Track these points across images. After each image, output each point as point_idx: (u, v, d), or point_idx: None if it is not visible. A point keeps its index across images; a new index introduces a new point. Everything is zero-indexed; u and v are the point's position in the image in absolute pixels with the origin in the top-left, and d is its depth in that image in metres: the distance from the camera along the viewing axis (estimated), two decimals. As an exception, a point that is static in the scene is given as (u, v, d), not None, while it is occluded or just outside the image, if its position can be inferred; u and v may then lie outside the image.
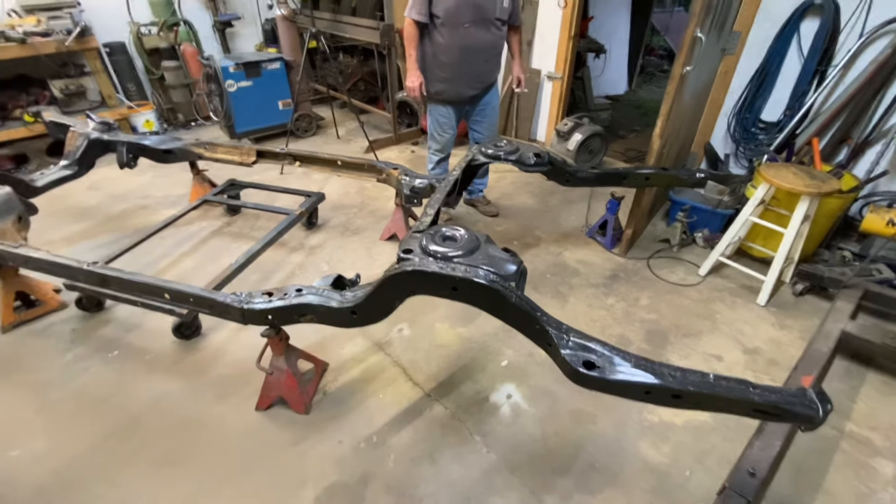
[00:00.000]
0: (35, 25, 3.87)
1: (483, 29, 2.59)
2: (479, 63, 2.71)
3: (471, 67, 2.70)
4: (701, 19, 2.08)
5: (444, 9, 2.50)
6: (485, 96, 2.90)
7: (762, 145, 3.08)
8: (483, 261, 1.42)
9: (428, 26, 2.59)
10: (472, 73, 2.73)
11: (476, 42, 2.61)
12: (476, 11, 2.52)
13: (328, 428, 1.82)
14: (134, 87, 4.67)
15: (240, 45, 5.43)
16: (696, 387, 1.18)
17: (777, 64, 2.95)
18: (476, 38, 2.60)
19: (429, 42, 2.65)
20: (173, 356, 2.14)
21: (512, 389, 1.98)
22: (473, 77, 2.75)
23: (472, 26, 2.55)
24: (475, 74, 2.75)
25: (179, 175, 3.69)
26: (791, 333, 2.29)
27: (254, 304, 1.60)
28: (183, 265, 2.76)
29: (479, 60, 2.69)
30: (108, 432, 1.80)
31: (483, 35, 2.61)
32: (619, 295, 2.53)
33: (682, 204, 2.91)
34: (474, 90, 2.82)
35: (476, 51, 2.64)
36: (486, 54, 2.70)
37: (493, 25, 2.61)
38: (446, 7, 2.49)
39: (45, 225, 2.93)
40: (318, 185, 3.61)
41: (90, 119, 2.97)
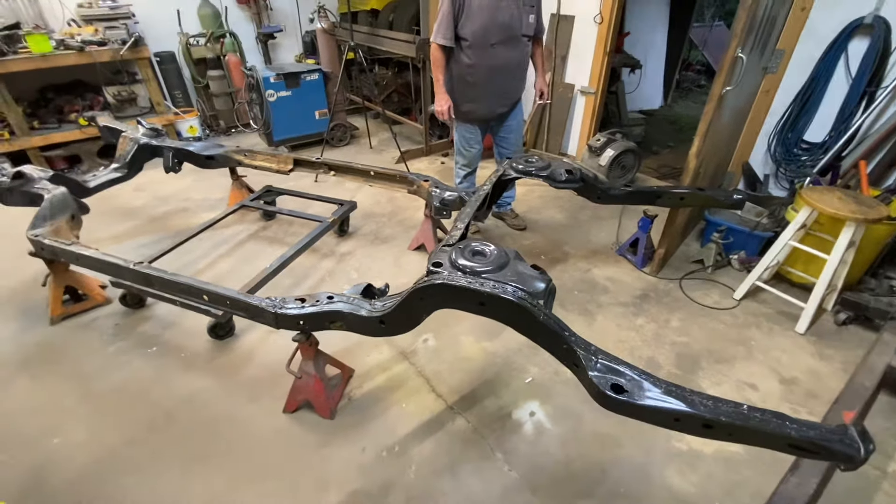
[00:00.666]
0: (93, 35, 4.12)
1: (510, 47, 2.61)
2: (508, 81, 2.73)
3: (499, 86, 2.72)
4: (743, 39, 2.05)
5: (471, 31, 2.51)
6: (510, 112, 2.93)
7: (805, 167, 2.98)
8: (512, 277, 1.42)
9: (454, 48, 2.61)
10: (501, 91, 2.76)
11: (504, 61, 2.63)
12: (503, 31, 2.53)
13: (352, 434, 1.85)
14: (180, 94, 4.91)
15: (281, 55, 5.64)
16: (729, 417, 1.14)
17: (823, 84, 2.86)
18: (504, 57, 2.61)
19: (455, 64, 2.67)
20: (207, 355, 2.22)
21: (535, 407, 1.97)
22: (502, 95, 2.78)
23: (500, 45, 2.57)
24: (504, 92, 2.77)
25: (218, 180, 3.85)
26: (832, 365, 2.19)
27: (287, 309, 1.65)
28: (219, 267, 2.87)
29: (507, 79, 2.72)
30: (143, 425, 1.88)
31: (510, 53, 2.63)
32: (649, 315, 2.48)
33: (718, 224, 2.84)
34: (504, 107, 2.85)
35: (504, 70, 2.67)
36: (515, 72, 2.73)
37: (520, 42, 2.63)
38: (473, 29, 2.51)
39: (94, 224, 3.09)
40: (350, 193, 3.69)
41: (140, 125, 3.14)
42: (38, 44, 3.78)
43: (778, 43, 2.86)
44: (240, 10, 5.13)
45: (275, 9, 5.34)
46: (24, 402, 1.99)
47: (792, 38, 2.86)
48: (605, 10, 3.73)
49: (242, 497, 1.64)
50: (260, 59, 5.40)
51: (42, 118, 4.22)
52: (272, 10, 5.31)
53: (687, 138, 5.26)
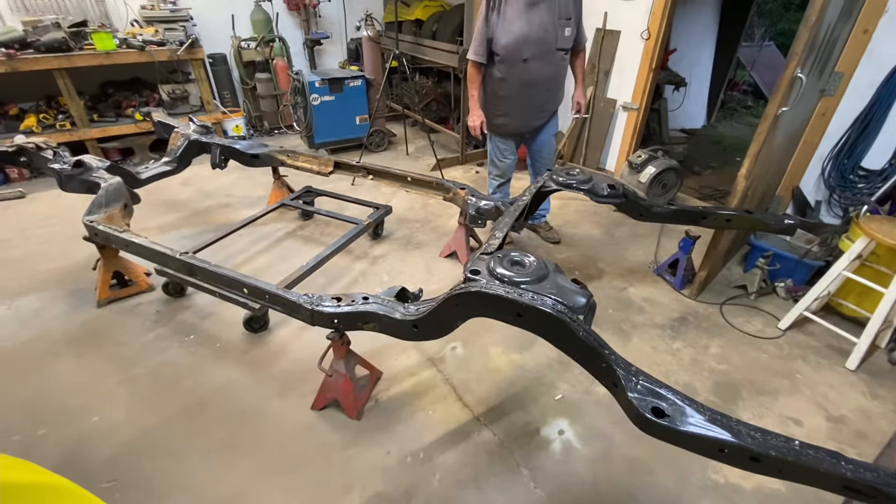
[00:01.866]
0: (153, 35, 4.35)
1: (544, 62, 2.57)
2: (542, 94, 2.71)
3: (533, 100, 2.71)
4: (803, 58, 1.97)
5: (504, 46, 2.50)
6: (543, 128, 2.90)
7: (861, 194, 2.83)
8: (551, 290, 1.40)
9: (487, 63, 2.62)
10: (535, 105, 2.74)
11: (537, 76, 2.60)
12: (536, 46, 2.50)
13: (377, 437, 1.85)
14: (229, 94, 5.11)
15: (325, 61, 5.80)
16: (779, 452, 1.08)
17: (884, 109, 2.72)
18: (536, 71, 2.59)
19: (489, 78, 2.68)
20: (241, 347, 2.27)
21: (565, 426, 1.92)
22: (537, 108, 2.77)
23: (533, 61, 2.54)
24: (538, 106, 2.76)
25: (260, 178, 3.97)
26: (884, 405, 2.05)
27: (323, 306, 1.67)
28: (257, 262, 2.94)
29: (541, 92, 2.69)
30: (177, 411, 1.93)
31: (544, 68, 2.59)
32: (686, 340, 2.39)
33: (765, 250, 2.72)
34: (539, 120, 2.84)
35: (538, 84, 2.64)
36: (548, 85, 2.69)
37: (555, 57, 2.59)
38: (506, 44, 2.50)
39: (142, 213, 3.22)
40: (385, 198, 3.73)
41: (192, 122, 3.28)
42: (102, 41, 4.02)
43: (837, 65, 2.74)
44: (290, 16, 5.32)
45: (323, 16, 5.52)
46: (67, 380, 2.08)
47: (852, 60, 2.74)
48: (653, 26, 3.68)
49: (267, 488, 1.65)
50: (306, 63, 5.57)
51: (101, 112, 4.47)
52: (321, 17, 5.49)
53: (730, 159, 5.11)
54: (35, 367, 2.14)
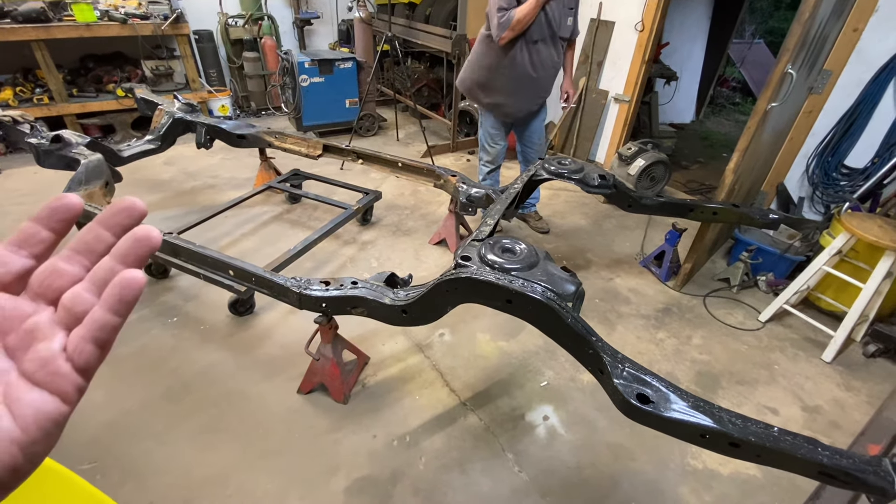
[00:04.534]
0: (136, 8, 4.21)
1: (549, 46, 2.63)
2: (542, 79, 2.73)
3: (532, 84, 2.72)
4: (794, 54, 1.99)
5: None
6: (536, 114, 2.94)
7: (843, 192, 2.89)
8: (541, 277, 1.40)
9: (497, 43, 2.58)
10: (533, 89, 2.76)
11: (543, 58, 2.64)
12: (547, 29, 2.56)
13: (364, 421, 1.85)
14: (215, 73, 4.97)
15: (315, 42, 5.68)
16: (759, 438, 1.11)
17: (869, 108, 2.77)
18: (545, 53, 2.63)
19: (496, 54, 2.65)
20: (226, 330, 2.24)
21: (549, 411, 1.94)
22: (534, 93, 2.79)
23: (541, 43, 2.59)
24: (535, 91, 2.78)
25: (247, 160, 3.89)
26: (858, 396, 2.12)
27: (311, 290, 1.65)
28: (242, 245, 2.90)
29: (542, 76, 2.71)
30: (161, 392, 1.91)
31: (549, 51, 2.64)
32: (670, 330, 2.43)
33: (748, 244, 2.77)
34: (535, 105, 2.86)
35: (541, 67, 2.67)
36: (548, 71, 2.73)
37: (558, 42, 2.65)
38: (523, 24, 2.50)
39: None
40: (375, 183, 3.69)
41: (177, 99, 3.18)
42: (82, 13, 3.87)
43: (826, 63, 2.78)
44: (280, -6, 5.18)
45: (314, -5, 5.38)
46: (47, 360, 2.03)
47: (841, 58, 2.78)
48: (648, 19, 3.68)
49: (252, 471, 1.65)
50: (295, 44, 5.44)
51: (81, 86, 4.31)
52: (311, -4, 5.35)
53: (717, 155, 5.17)
54: (12, 347, 2.08)
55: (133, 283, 0.32)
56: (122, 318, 0.32)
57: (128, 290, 0.32)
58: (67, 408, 0.31)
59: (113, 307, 0.32)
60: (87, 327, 0.32)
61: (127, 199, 0.34)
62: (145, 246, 0.33)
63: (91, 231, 0.33)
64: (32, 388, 0.30)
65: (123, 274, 0.32)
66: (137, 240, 0.33)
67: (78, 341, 0.31)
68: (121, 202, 0.34)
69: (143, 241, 0.33)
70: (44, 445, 0.30)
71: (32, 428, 0.29)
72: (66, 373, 0.31)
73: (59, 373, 0.30)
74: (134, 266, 0.33)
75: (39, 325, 0.31)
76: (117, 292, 0.32)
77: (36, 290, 0.32)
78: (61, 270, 0.33)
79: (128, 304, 0.32)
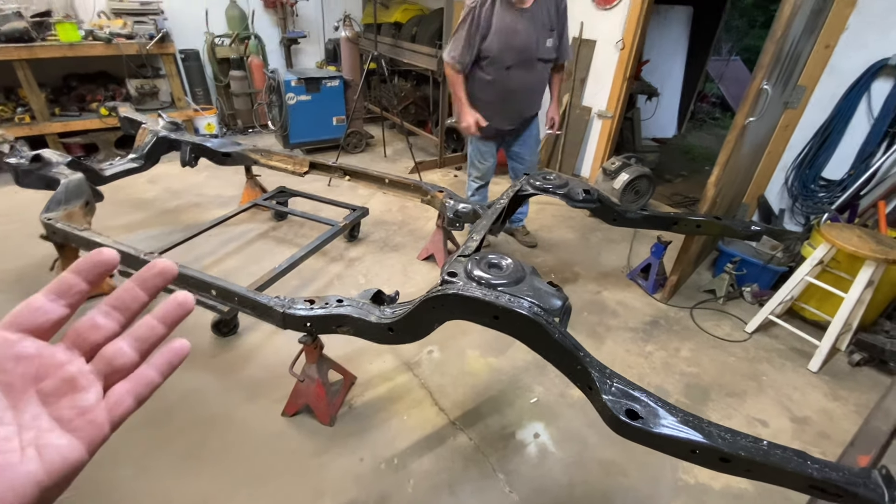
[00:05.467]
0: (121, 28, 4.20)
1: (526, 70, 2.58)
2: (522, 102, 2.71)
3: (511, 106, 2.71)
4: (768, 71, 2.05)
5: (488, 52, 2.50)
6: (525, 128, 2.90)
7: (822, 203, 2.96)
8: (528, 292, 1.39)
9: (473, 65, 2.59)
10: (513, 110, 2.74)
11: (519, 84, 2.61)
12: (518, 54, 2.51)
13: (350, 443, 1.81)
14: (201, 91, 4.97)
15: (303, 60, 5.72)
16: (748, 452, 1.10)
17: (844, 122, 2.85)
18: (518, 80, 2.59)
19: (471, 81, 2.65)
20: (209, 351, 2.19)
21: (540, 429, 1.92)
22: (515, 114, 2.77)
23: (515, 68, 2.54)
24: (516, 112, 2.76)
25: (232, 177, 3.87)
26: (845, 406, 2.14)
27: (295, 309, 1.62)
28: (227, 264, 2.86)
29: (521, 100, 2.70)
30: (141, 418, 1.82)
31: (526, 76, 2.60)
32: (658, 343, 2.43)
33: (732, 255, 2.81)
34: (513, 125, 2.82)
35: (519, 92, 2.65)
36: (527, 93, 2.69)
37: (536, 65, 2.59)
38: (490, 51, 2.49)
39: (106, 212, 3.09)
40: (362, 199, 3.69)
41: (161, 118, 3.16)
42: (66, 32, 3.85)
43: (800, 79, 2.86)
44: (266, 14, 5.23)
45: (301, 15, 5.44)
46: (20, 386, 1.96)
47: (814, 74, 2.87)
48: (628, 37, 3.77)
49: (234, 499, 1.59)
50: (282, 62, 5.48)
51: (64, 105, 4.27)
52: (298, 16, 5.41)
53: (699, 168, 5.27)
54: (-17, 374, 2.01)
55: (182, 351, 0.37)
56: (164, 379, 0.36)
57: (177, 357, 0.37)
58: (88, 457, 0.33)
59: (160, 368, 0.36)
60: (133, 382, 0.35)
61: (161, 263, 0.37)
62: (184, 310, 0.38)
63: (128, 290, 0.36)
64: (63, 434, 0.32)
65: (176, 342, 0.37)
66: (179, 304, 0.37)
67: (122, 394, 0.34)
68: (156, 265, 0.37)
69: (182, 306, 0.37)
70: (60, 490, 0.31)
71: (56, 472, 0.30)
72: (100, 423, 0.33)
73: (94, 422, 0.33)
74: (171, 326, 0.37)
75: (79, 375, 0.33)
76: (168, 358, 0.36)
77: (73, 340, 0.34)
78: (99, 325, 0.35)
79: (173, 369, 0.36)
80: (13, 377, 0.31)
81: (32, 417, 0.31)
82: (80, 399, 0.32)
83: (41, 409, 0.32)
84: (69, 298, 0.34)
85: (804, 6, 2.02)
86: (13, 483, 0.28)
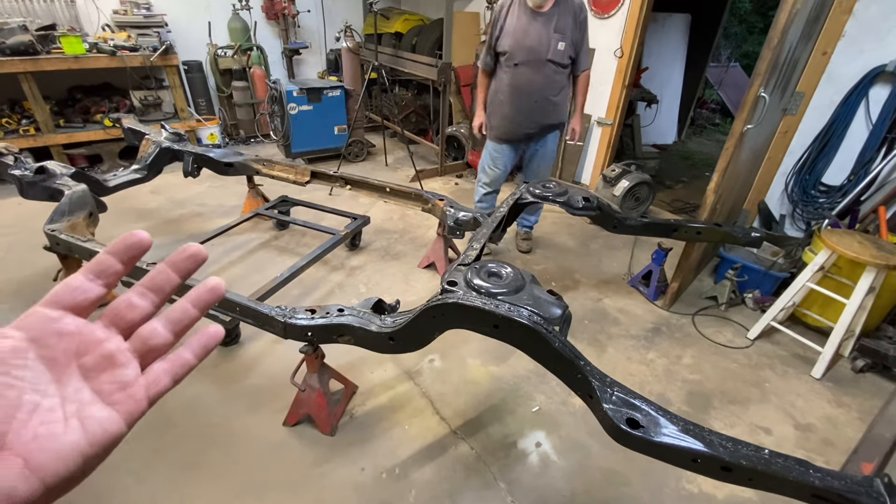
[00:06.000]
0: (125, 40, 4.25)
1: (533, 69, 2.64)
2: (530, 102, 2.73)
3: (521, 106, 2.74)
4: (765, 78, 2.06)
5: (501, 52, 2.68)
6: (540, 139, 2.91)
7: (822, 209, 2.95)
8: (528, 301, 1.40)
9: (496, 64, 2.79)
10: (523, 111, 2.76)
11: (526, 81, 2.67)
12: (528, 53, 2.60)
13: (351, 453, 1.80)
14: (204, 102, 5.02)
15: (304, 71, 5.77)
16: (750, 461, 1.10)
17: (842, 128, 2.86)
18: (526, 77, 2.66)
19: (495, 79, 2.83)
20: (211, 361, 2.19)
21: (542, 437, 1.91)
22: (525, 116, 2.78)
23: (523, 66, 2.64)
24: (526, 114, 2.77)
25: (234, 187, 3.89)
26: (849, 413, 2.12)
27: (297, 319, 1.62)
28: (229, 273, 2.87)
29: (529, 100, 2.72)
30: (141, 427, 1.83)
31: (532, 75, 2.65)
32: (660, 350, 2.43)
33: (733, 262, 2.80)
34: (527, 129, 2.83)
35: (526, 90, 2.69)
36: (537, 95, 2.71)
37: (546, 67, 2.63)
38: (503, 50, 2.65)
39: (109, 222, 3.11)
40: (363, 208, 3.70)
41: (164, 129, 3.19)
42: (71, 45, 3.90)
43: (798, 85, 2.88)
44: (268, 25, 5.29)
45: (302, 26, 5.50)
46: (23, 397, 1.96)
47: (812, 81, 2.88)
48: (626, 45, 3.80)
49: (236, 511, 1.59)
50: (284, 73, 5.53)
51: (68, 117, 4.31)
52: (300, 27, 5.47)
53: (700, 174, 5.28)
54: (-14, 385, 2.01)
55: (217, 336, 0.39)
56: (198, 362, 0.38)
57: (212, 341, 0.39)
58: (126, 430, 0.34)
59: (196, 351, 0.38)
60: (170, 363, 0.37)
61: (192, 247, 0.38)
62: (215, 295, 0.39)
63: (162, 273, 0.38)
64: (104, 407, 0.33)
65: (212, 328, 0.39)
66: (210, 289, 0.39)
67: (160, 373, 0.36)
68: (188, 249, 0.38)
69: (213, 291, 0.39)
70: (99, 460, 0.33)
71: (98, 443, 0.32)
72: (139, 398, 0.35)
73: (134, 397, 0.34)
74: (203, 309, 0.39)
75: (117, 352, 0.35)
76: (203, 342, 0.38)
77: (111, 319, 0.36)
78: (135, 304, 0.36)
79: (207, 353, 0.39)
80: (56, 352, 0.33)
81: (74, 391, 0.33)
82: (119, 374, 0.34)
83: (83, 384, 0.33)
84: (106, 279, 0.35)
85: (800, 13, 2.04)
86: (59, 452, 0.30)
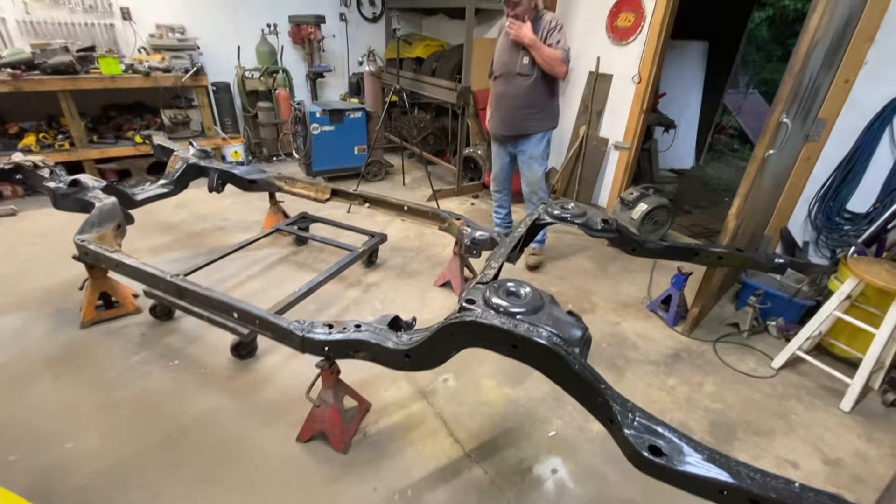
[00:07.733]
0: (159, 62, 4.45)
1: (506, 82, 2.96)
2: (505, 109, 3.03)
3: (500, 110, 3.07)
4: (787, 105, 2.06)
5: (493, 64, 3.07)
6: (519, 143, 3.10)
7: (847, 236, 2.89)
8: (547, 321, 1.39)
9: None
10: (502, 115, 3.07)
11: (500, 91, 3.02)
12: (502, 67, 2.95)
13: (364, 472, 1.78)
14: (230, 121, 5.19)
15: (327, 93, 5.94)
16: (780, 495, 1.05)
17: (867, 155, 2.82)
18: (500, 87, 3.02)
19: None
20: (227, 373, 2.21)
21: (558, 464, 1.86)
22: (502, 119, 3.08)
23: (500, 79, 2.99)
24: (502, 118, 3.08)
25: (257, 203, 3.98)
26: (880, 448, 2.03)
27: (314, 333, 1.64)
28: (248, 287, 2.91)
29: (504, 106, 3.03)
30: (157, 439, 1.86)
31: (506, 87, 2.97)
32: (680, 377, 2.37)
33: (756, 288, 2.75)
34: (504, 132, 3.11)
35: (501, 98, 3.03)
36: (510, 102, 2.99)
37: (516, 79, 2.91)
38: (493, 64, 3.06)
39: (134, 235, 3.20)
40: (380, 226, 3.74)
41: (192, 146, 3.31)
42: (108, 66, 4.10)
43: (820, 112, 2.86)
44: (294, 49, 5.48)
45: (327, 51, 5.69)
46: (44, 403, 2.00)
47: (834, 108, 2.86)
48: (644, 71, 3.83)
49: (247, 527, 1.57)
50: (308, 95, 5.69)
51: (101, 133, 4.50)
52: (324, 51, 5.65)
53: (719, 200, 5.23)
54: (11, 389, 2.06)
55: None
56: None
57: None
58: None
59: None
60: None
61: None
62: None
63: None
64: None
65: None
66: None
67: None
68: None
69: None
70: None
71: None
72: None
73: None
74: None
75: None
76: None
77: None
78: None
79: None
80: None
81: None
82: None
83: None
84: None
85: (822, 41, 2.04)
86: None
